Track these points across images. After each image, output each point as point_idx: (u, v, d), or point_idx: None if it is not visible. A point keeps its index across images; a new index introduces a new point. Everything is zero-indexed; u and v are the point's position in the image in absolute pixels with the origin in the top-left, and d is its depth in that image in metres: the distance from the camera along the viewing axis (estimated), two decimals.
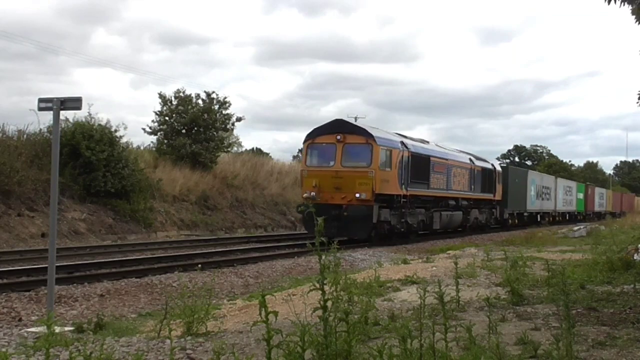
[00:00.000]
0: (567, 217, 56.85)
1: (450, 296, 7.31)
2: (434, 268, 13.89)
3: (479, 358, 5.03)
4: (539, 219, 46.42)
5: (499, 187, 36.72)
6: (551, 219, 50.02)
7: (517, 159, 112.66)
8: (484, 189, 34.16)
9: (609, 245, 14.77)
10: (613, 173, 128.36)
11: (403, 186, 24.06)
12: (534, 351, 5.75)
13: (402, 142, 24.90)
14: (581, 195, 62.68)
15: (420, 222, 26.44)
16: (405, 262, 16.07)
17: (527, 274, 11.54)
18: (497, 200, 36.60)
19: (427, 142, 30.48)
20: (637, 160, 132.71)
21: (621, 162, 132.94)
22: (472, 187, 32.43)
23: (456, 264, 9.12)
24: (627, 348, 6.13)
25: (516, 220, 41.38)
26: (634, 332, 6.81)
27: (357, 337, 4.88)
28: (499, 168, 38.04)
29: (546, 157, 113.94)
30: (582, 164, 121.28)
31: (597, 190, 72.89)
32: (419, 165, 25.73)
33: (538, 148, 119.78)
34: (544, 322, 7.47)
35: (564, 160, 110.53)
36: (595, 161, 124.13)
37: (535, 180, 46.42)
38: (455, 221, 30.30)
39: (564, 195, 55.71)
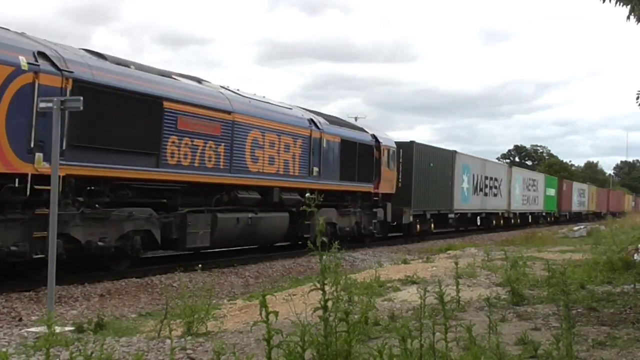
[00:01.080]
0: (530, 219, 45.28)
1: (451, 296, 7.30)
2: (434, 268, 13.88)
3: (479, 358, 5.03)
4: (479, 222, 35.41)
5: (388, 174, 23.82)
6: (502, 221, 38.98)
7: (517, 159, 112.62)
8: (348, 174, 20.67)
9: (609, 245, 14.78)
10: (613, 173, 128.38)
11: (32, 156, 10.74)
12: (534, 351, 5.75)
13: (40, 55, 11.14)
14: (552, 192, 51.03)
15: (135, 237, 13.31)
16: (405, 262, 16.07)
17: (527, 274, 11.53)
18: (385, 194, 23.64)
19: (193, 77, 15.92)
20: (638, 160, 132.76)
21: (621, 162, 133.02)
22: (316, 170, 18.85)
23: (456, 264, 9.12)
24: (627, 348, 6.13)
25: (432, 225, 28.92)
26: (634, 332, 6.80)
27: (357, 337, 4.88)
28: (390, 144, 24.42)
29: (546, 157, 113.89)
30: (582, 164, 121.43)
31: (576, 186, 61.10)
32: (118, 111, 12.38)
33: (538, 148, 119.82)
34: (544, 322, 7.47)
35: (564, 161, 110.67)
36: (595, 161, 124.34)
37: (471, 167, 33.31)
38: (267, 229, 17.22)
39: (524, 191, 43.77)
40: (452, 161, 31.11)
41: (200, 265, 10.72)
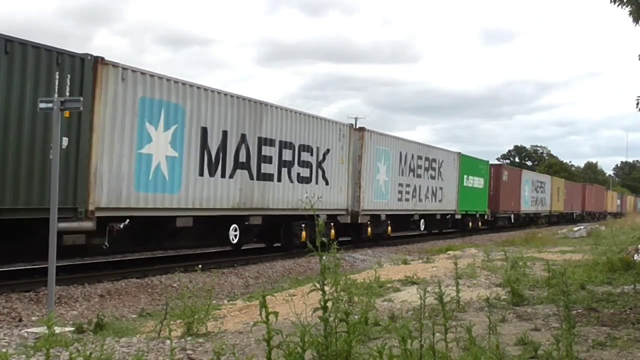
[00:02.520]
0: (423, 227, 28.17)
1: (451, 297, 7.31)
2: (434, 268, 13.89)
3: (479, 358, 5.03)
4: (235, 238, 16.49)
5: None
6: (334, 230, 19.53)
7: (517, 159, 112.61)
8: None
9: (609, 245, 14.79)
10: (613, 174, 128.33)
11: None
12: (534, 352, 5.75)
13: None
14: (478, 182, 33.73)
15: None
16: (405, 262, 16.09)
17: (527, 275, 11.55)
18: None
19: None
20: (638, 161, 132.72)
21: (622, 162, 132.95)
22: None
23: (456, 264, 9.12)
24: (627, 348, 6.13)
25: None
26: (634, 333, 6.80)
27: (357, 337, 4.88)
28: None
29: (546, 157, 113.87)
30: (582, 165, 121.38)
31: (529, 176, 43.49)
32: None
33: (538, 148, 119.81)
34: (544, 322, 7.47)
35: (564, 161, 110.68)
36: (595, 162, 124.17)
37: (188, 110, 14.57)
38: None
39: (403, 177, 25.36)
40: (89, 80, 12.15)
41: (200, 266, 10.73)
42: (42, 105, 8.92)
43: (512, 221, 39.63)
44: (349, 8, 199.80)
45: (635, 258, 12.68)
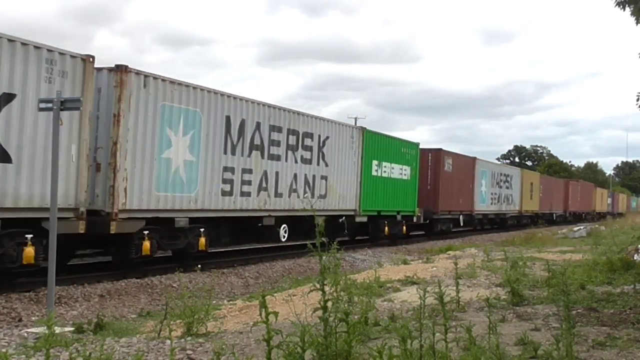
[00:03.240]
0: (286, 235, 18.05)
1: (450, 297, 7.31)
2: (434, 268, 13.88)
3: (479, 358, 5.03)
4: None
5: None
6: (30, 253, 10.39)
7: (517, 159, 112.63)
8: None
9: (609, 245, 14.80)
10: (613, 174, 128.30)
11: None
12: (534, 352, 5.75)
13: None
14: (402, 171, 24.77)
15: None
16: (405, 262, 16.08)
17: (527, 275, 11.56)
18: None
19: None
20: (638, 161, 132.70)
21: (622, 162, 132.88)
22: None
23: (456, 264, 9.13)
24: (627, 348, 6.13)
25: None
26: (634, 333, 6.80)
27: (357, 337, 4.88)
28: None
29: (546, 157, 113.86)
30: (582, 165, 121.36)
31: (485, 166, 34.27)
32: None
33: (538, 148, 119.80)
34: (544, 322, 7.47)
35: (564, 161, 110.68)
36: (595, 162, 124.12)
37: None
38: None
39: (249, 159, 16.14)
40: None
41: (200, 266, 10.73)
42: (41, 105, 8.81)
43: (462, 224, 31.12)
44: (349, 8, 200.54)
45: (635, 258, 12.68)
